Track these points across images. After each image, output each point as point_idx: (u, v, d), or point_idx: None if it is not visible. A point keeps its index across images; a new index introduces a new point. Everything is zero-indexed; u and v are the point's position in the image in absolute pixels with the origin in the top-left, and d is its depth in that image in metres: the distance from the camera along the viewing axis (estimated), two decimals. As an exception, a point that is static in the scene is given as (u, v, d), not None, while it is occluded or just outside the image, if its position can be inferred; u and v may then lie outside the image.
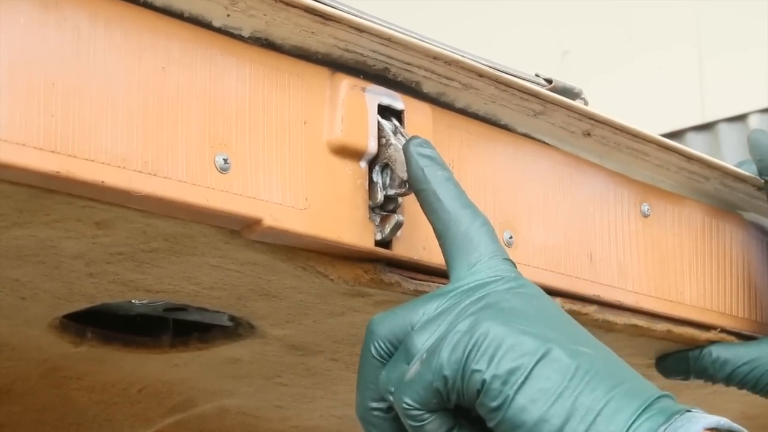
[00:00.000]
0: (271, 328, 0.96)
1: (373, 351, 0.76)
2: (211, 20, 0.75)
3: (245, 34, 0.77)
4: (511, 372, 0.71)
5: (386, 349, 0.76)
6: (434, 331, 0.74)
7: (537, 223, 0.92)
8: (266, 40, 0.78)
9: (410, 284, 0.84)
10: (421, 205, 0.80)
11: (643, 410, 0.70)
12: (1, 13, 0.66)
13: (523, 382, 0.71)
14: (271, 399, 1.16)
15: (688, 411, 0.71)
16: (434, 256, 0.84)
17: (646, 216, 1.02)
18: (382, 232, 0.82)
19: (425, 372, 0.73)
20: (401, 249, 0.83)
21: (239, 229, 0.77)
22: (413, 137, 0.81)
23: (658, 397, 0.72)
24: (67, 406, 1.11)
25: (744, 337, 1.09)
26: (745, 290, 1.10)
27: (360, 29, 0.80)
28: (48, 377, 1.06)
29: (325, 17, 0.78)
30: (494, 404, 0.71)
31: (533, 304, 0.75)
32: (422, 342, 0.74)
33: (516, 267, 0.79)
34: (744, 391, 1.07)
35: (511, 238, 0.90)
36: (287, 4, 0.76)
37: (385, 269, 0.83)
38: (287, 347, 1.00)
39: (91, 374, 1.07)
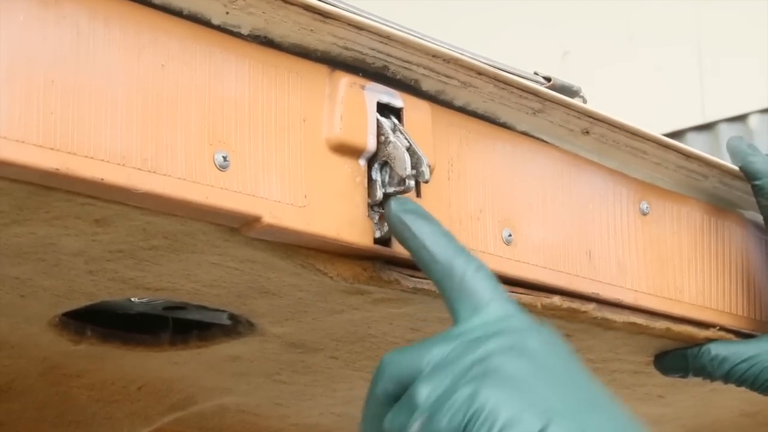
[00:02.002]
0: (271, 326, 0.96)
1: (379, 391, 0.76)
2: (210, 18, 0.75)
3: (244, 31, 0.77)
4: None
5: (391, 391, 0.76)
6: (438, 385, 0.74)
7: (536, 221, 0.93)
8: (265, 37, 0.78)
9: (409, 282, 0.85)
10: (413, 260, 0.80)
11: None
12: (0, 11, 0.66)
13: None
14: (271, 396, 1.16)
15: None
16: (433, 254, 0.84)
17: (645, 214, 1.02)
18: (381, 229, 0.82)
19: None
20: (400, 247, 0.83)
21: (238, 227, 0.77)
22: (391, 200, 0.81)
23: None
24: (67, 404, 1.11)
25: (743, 335, 1.09)
26: (744, 288, 1.10)
27: (359, 27, 0.80)
28: (48, 375, 1.06)
29: (324, 15, 0.78)
30: None
31: (537, 364, 0.74)
32: (425, 394, 0.74)
33: (518, 306, 0.78)
34: (742, 389, 1.08)
35: (510, 236, 0.90)
36: (286, 1, 0.76)
37: (384, 267, 0.84)
38: (287, 345, 1.00)
39: (90, 372, 1.08)
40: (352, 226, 0.81)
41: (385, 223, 0.82)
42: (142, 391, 1.12)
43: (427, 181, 0.82)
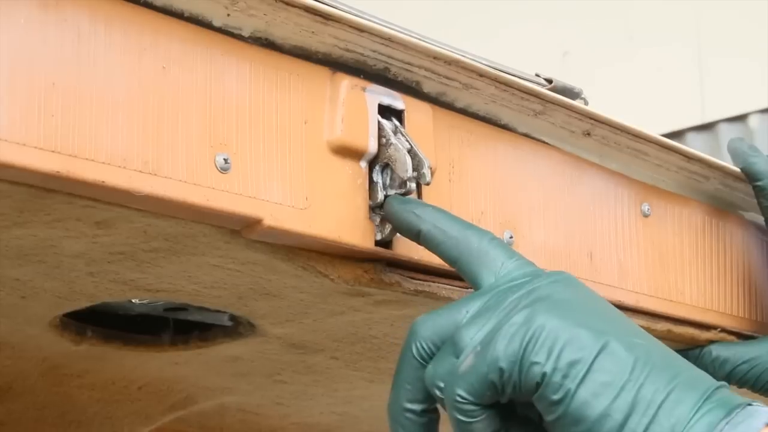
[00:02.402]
0: (272, 327, 0.96)
1: (415, 351, 0.76)
2: (211, 20, 0.75)
3: (245, 33, 0.77)
4: (572, 365, 0.70)
5: (428, 350, 0.76)
6: (484, 325, 0.73)
7: (537, 223, 0.93)
8: (266, 39, 0.78)
9: (410, 284, 0.85)
10: (427, 247, 0.80)
11: (704, 402, 0.70)
12: (1, 13, 0.66)
13: (585, 376, 0.70)
14: (271, 396, 1.16)
15: (749, 405, 0.70)
16: (434, 257, 0.84)
17: (646, 216, 1.02)
18: (382, 232, 0.82)
19: (480, 364, 0.72)
20: (401, 249, 0.83)
21: (239, 229, 0.77)
22: (388, 198, 0.81)
23: (716, 389, 0.71)
24: (68, 404, 1.11)
25: (744, 337, 1.09)
26: (745, 290, 1.10)
27: (360, 29, 0.80)
28: (48, 375, 1.06)
29: (326, 17, 0.78)
30: (555, 397, 0.71)
31: (582, 295, 0.75)
32: (471, 335, 0.73)
33: (540, 269, 0.78)
34: (744, 390, 1.08)
35: (511, 237, 0.90)
36: (287, 3, 0.76)
37: (385, 269, 0.83)
38: (287, 346, 1.00)
39: (91, 372, 1.08)
40: (353, 228, 0.81)
41: (387, 225, 0.82)
42: (143, 391, 1.12)
43: (428, 183, 0.81)
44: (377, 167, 0.82)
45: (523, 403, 0.74)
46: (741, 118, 3.71)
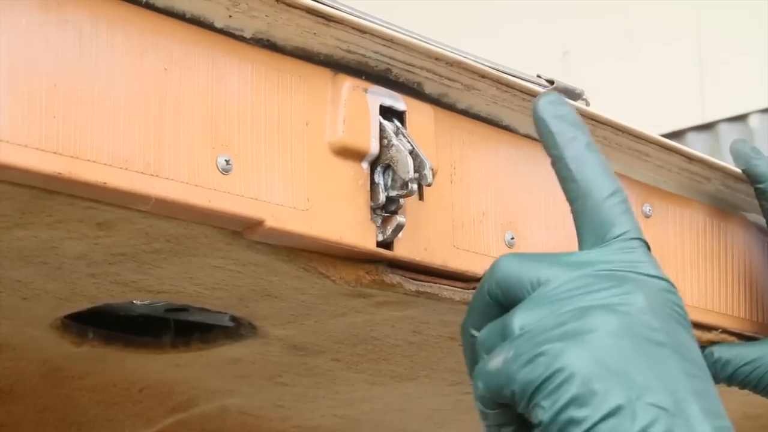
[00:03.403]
0: (273, 329, 0.96)
1: (486, 290, 0.75)
2: (212, 21, 0.75)
3: (247, 35, 0.77)
4: (570, 423, 0.68)
5: (496, 295, 0.75)
6: (534, 320, 0.72)
7: (538, 224, 0.92)
8: (268, 41, 0.78)
9: (412, 285, 0.84)
10: (552, 167, 0.78)
11: None
12: (2, 15, 0.66)
13: None
14: (273, 399, 1.16)
15: None
16: (436, 257, 0.84)
17: (647, 217, 1.02)
18: (383, 233, 0.82)
19: (502, 374, 0.71)
20: (403, 250, 0.83)
21: (241, 230, 0.77)
22: (544, 94, 0.78)
23: None
24: (69, 406, 1.11)
25: (746, 338, 1.09)
26: (747, 291, 1.10)
27: (362, 30, 0.80)
28: (49, 377, 1.06)
29: (327, 18, 0.78)
30: None
31: (632, 333, 0.70)
32: (519, 325, 0.72)
33: (646, 247, 0.75)
34: (745, 391, 1.07)
35: (512, 239, 0.90)
36: (289, 5, 0.76)
37: (386, 270, 0.83)
38: (289, 347, 1.00)
39: (92, 374, 1.08)
40: (354, 230, 0.80)
41: (388, 226, 0.82)
42: (144, 393, 1.12)
43: (429, 185, 0.81)
44: (379, 168, 0.82)
45: None
46: (741, 118, 3.71)
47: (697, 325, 1.05)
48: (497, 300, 0.75)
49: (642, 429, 0.67)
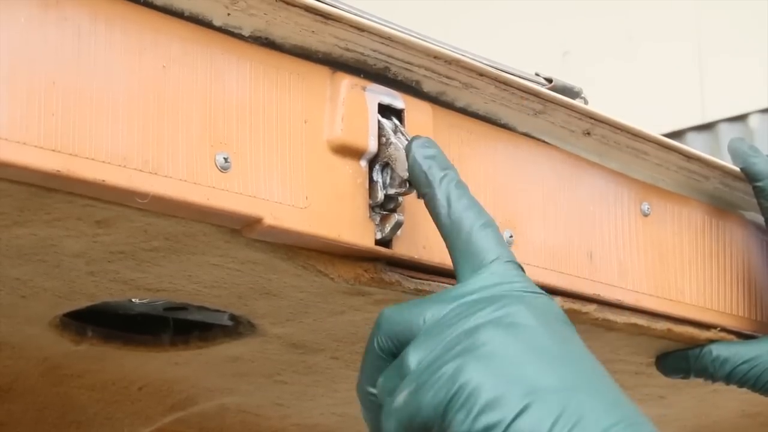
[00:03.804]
0: (272, 327, 0.96)
1: (376, 345, 0.77)
2: (211, 19, 0.75)
3: (245, 33, 0.77)
4: (488, 429, 0.70)
5: (387, 347, 0.77)
6: (428, 353, 0.74)
7: (537, 222, 0.93)
8: (266, 39, 0.78)
9: (410, 283, 0.85)
10: (426, 206, 0.80)
11: None
12: (1, 12, 0.66)
13: None
14: (272, 397, 1.16)
15: None
16: (434, 255, 0.84)
17: (646, 215, 1.02)
18: (382, 231, 0.82)
19: (411, 405, 0.73)
20: (401, 248, 0.83)
21: (240, 228, 0.77)
22: (415, 137, 0.81)
23: None
24: (68, 405, 1.11)
25: (744, 336, 1.09)
26: (745, 289, 1.10)
27: (360, 28, 0.80)
28: (48, 376, 1.06)
29: (326, 16, 0.78)
30: None
31: (523, 339, 0.73)
32: (415, 362, 0.74)
33: (520, 268, 0.78)
34: (744, 390, 1.08)
35: (511, 237, 0.90)
36: (288, 3, 0.76)
37: (385, 268, 0.84)
38: (288, 345, 1.00)
39: (91, 372, 1.08)
40: (353, 228, 0.81)
41: (387, 224, 0.82)
42: (143, 391, 1.12)
43: (428, 183, 0.81)
44: (377, 166, 0.82)
45: None
46: (741, 118, 3.71)
47: (696, 324, 1.05)
48: (389, 352, 0.77)
49: (555, 419, 0.69)
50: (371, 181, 0.82)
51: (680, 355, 1.08)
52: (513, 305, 0.75)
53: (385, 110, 0.83)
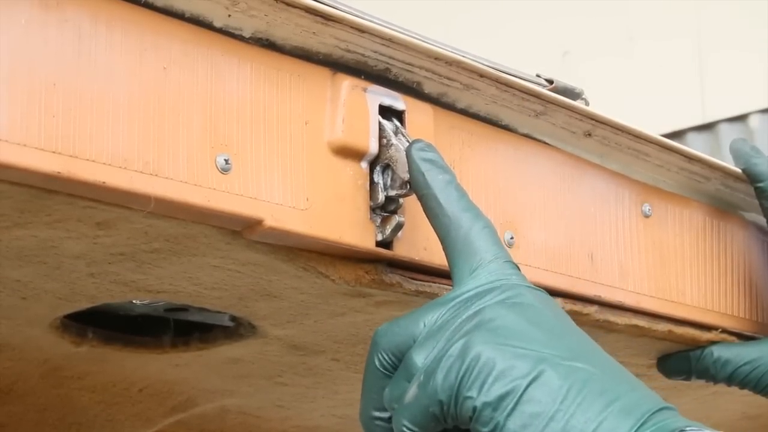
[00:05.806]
0: (272, 329, 0.96)
1: (377, 363, 0.77)
2: (212, 21, 0.75)
3: (246, 34, 0.77)
4: (502, 398, 0.70)
5: (389, 361, 0.76)
6: (432, 349, 0.74)
7: (538, 224, 0.92)
8: (267, 40, 0.78)
9: (411, 285, 0.84)
10: (423, 210, 0.80)
11: (638, 429, 0.69)
12: (2, 14, 0.66)
13: (514, 408, 0.70)
14: (272, 399, 1.16)
15: (688, 427, 0.69)
16: (435, 257, 0.84)
17: (647, 216, 1.02)
18: (383, 232, 0.82)
19: (422, 396, 0.73)
20: (402, 249, 0.83)
21: (240, 230, 0.77)
22: (415, 141, 0.81)
23: (655, 412, 0.71)
24: (68, 406, 1.11)
25: (745, 338, 1.09)
26: (746, 291, 1.10)
27: (361, 30, 0.80)
28: (49, 377, 1.06)
29: (326, 18, 0.78)
30: (485, 430, 0.71)
31: (528, 316, 0.74)
32: (421, 360, 0.74)
33: (517, 268, 0.78)
34: (745, 391, 1.07)
35: (512, 238, 0.90)
36: (288, 4, 0.76)
37: (386, 270, 0.83)
38: (288, 347, 1.00)
39: (92, 374, 1.07)
40: (353, 229, 0.80)
41: (387, 226, 0.82)
42: (144, 393, 1.12)
43: (429, 184, 0.81)
44: (378, 168, 0.82)
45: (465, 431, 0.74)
46: (741, 118, 3.71)
47: (697, 325, 1.05)
48: (392, 367, 0.76)
49: (569, 386, 0.70)
50: (372, 182, 0.82)
51: (681, 356, 1.08)
52: (514, 289, 0.76)
53: (386, 111, 0.83)
